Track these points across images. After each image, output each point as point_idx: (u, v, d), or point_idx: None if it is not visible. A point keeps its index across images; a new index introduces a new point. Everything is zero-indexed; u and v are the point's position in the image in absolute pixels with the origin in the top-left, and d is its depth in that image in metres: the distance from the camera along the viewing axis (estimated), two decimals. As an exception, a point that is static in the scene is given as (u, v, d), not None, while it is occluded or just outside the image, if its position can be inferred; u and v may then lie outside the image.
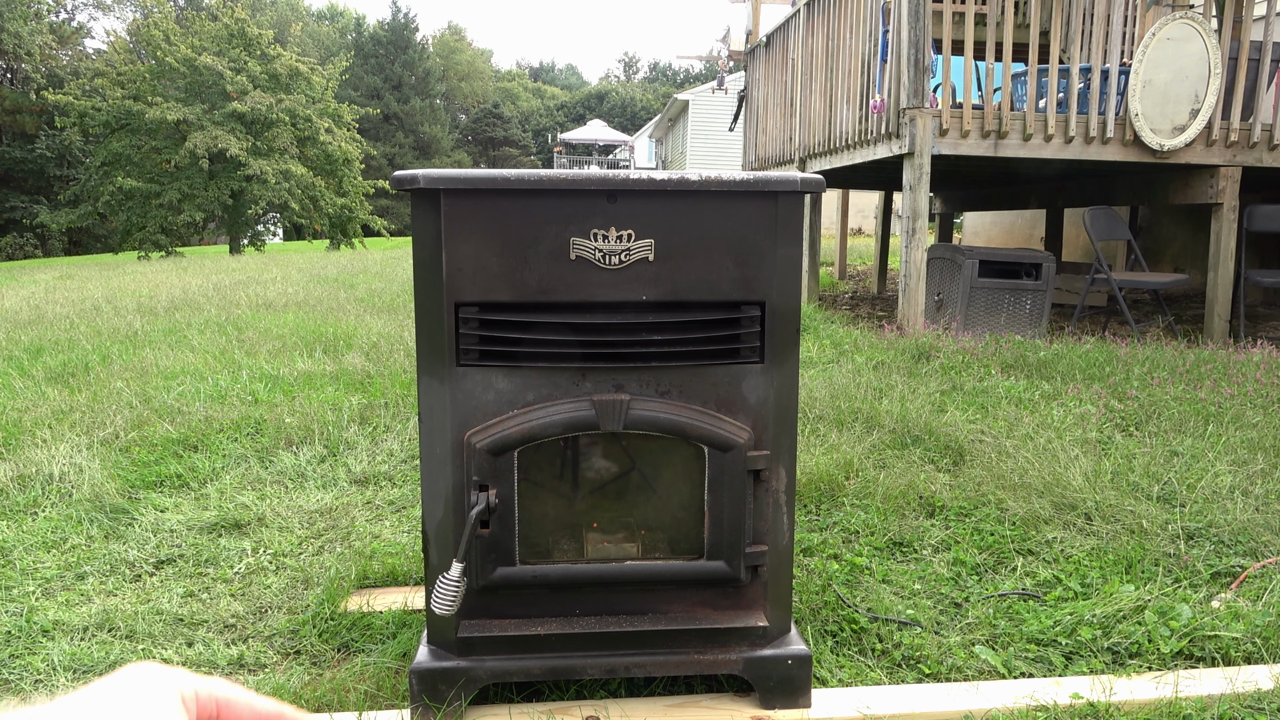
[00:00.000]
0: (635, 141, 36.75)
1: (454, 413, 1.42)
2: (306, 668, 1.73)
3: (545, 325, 1.41)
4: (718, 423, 1.45)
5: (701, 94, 26.67)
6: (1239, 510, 2.37)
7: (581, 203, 1.37)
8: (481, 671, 1.49)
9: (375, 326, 5.38)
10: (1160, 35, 5.01)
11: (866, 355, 4.45)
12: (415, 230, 1.39)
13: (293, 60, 21.04)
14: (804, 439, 2.98)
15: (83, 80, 21.70)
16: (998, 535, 2.28)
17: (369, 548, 2.24)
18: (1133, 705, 1.56)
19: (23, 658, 1.76)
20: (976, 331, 5.23)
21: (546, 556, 1.54)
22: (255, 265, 12.80)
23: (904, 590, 2.02)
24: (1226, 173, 5.24)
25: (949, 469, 2.79)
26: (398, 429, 3.17)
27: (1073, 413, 3.32)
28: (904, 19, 5.05)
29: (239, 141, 19.45)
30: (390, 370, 4.05)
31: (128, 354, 4.52)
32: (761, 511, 1.50)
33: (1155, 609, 1.84)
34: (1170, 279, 5.51)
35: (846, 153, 6.09)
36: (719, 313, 1.43)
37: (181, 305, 6.81)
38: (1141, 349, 4.56)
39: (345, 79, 27.50)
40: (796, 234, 1.43)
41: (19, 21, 26.07)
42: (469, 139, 53.28)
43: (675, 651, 1.51)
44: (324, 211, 21.44)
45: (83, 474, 2.71)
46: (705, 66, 40.48)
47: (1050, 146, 5.14)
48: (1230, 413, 3.29)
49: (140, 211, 19.57)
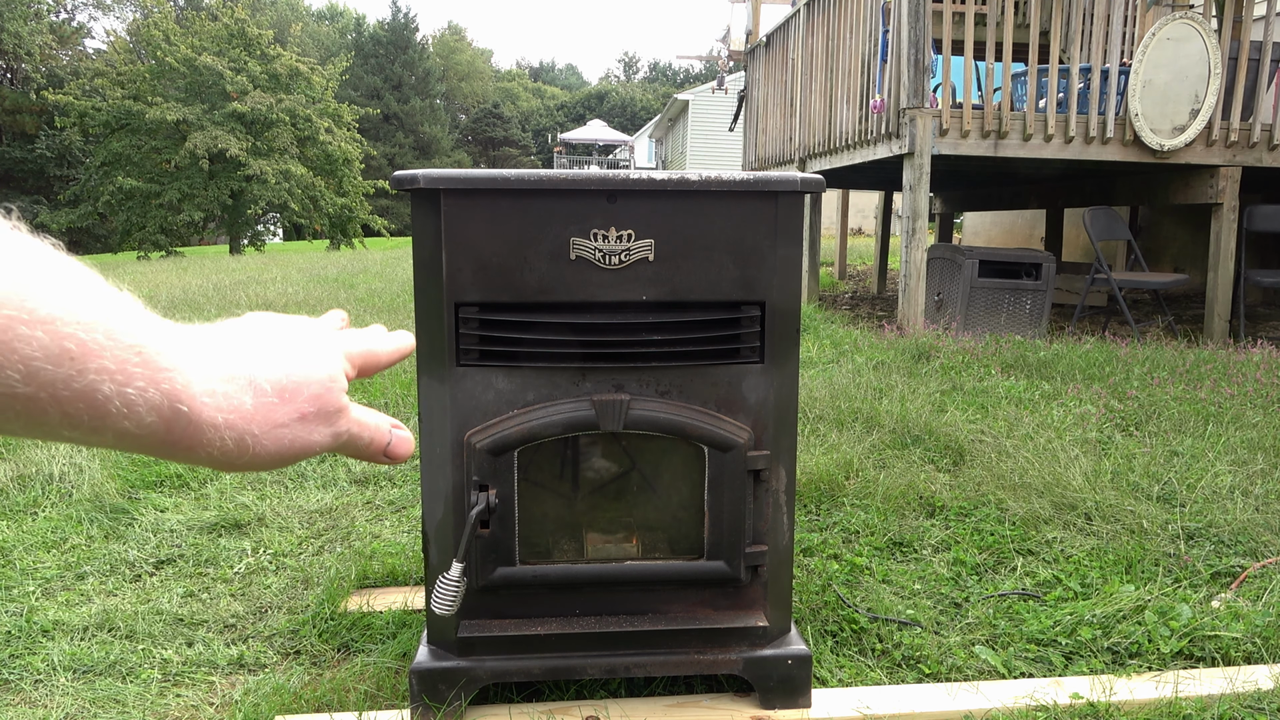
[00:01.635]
0: (635, 141, 36.75)
1: (454, 413, 1.42)
2: (306, 668, 1.73)
3: (545, 325, 1.41)
4: (718, 423, 1.45)
5: (701, 94, 26.67)
6: (1239, 510, 2.37)
7: (581, 203, 1.37)
8: (481, 671, 1.49)
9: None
10: (1160, 35, 5.01)
11: (866, 355, 4.45)
12: (415, 230, 1.39)
13: (293, 60, 21.05)
14: (804, 439, 2.98)
15: (83, 80, 21.70)
16: (998, 535, 2.28)
17: (369, 548, 2.24)
18: (1133, 705, 1.56)
19: (23, 658, 1.76)
20: (976, 331, 5.23)
21: (546, 556, 1.54)
22: (255, 265, 12.79)
23: (904, 590, 2.02)
24: (1226, 173, 5.24)
25: (949, 469, 2.79)
26: (398, 429, 3.17)
27: (1073, 413, 3.32)
28: (904, 19, 5.05)
29: (239, 141, 19.46)
30: (390, 370, 4.05)
31: (128, 354, 4.51)
32: (761, 511, 1.50)
33: (1155, 609, 1.84)
34: (1170, 279, 5.51)
35: (846, 153, 6.09)
36: (719, 313, 1.43)
37: (181, 305, 6.80)
38: (1141, 349, 4.56)
39: (345, 79, 27.50)
40: (796, 234, 1.43)
41: (19, 21, 26.07)
42: (469, 139, 53.28)
43: (675, 651, 1.51)
44: (324, 211, 21.45)
45: (82, 474, 2.71)
46: (705, 66, 40.48)
47: (1050, 146, 5.14)
48: (1230, 413, 3.29)
49: (140, 211, 19.57)
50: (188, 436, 0.39)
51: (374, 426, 0.50)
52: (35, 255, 0.35)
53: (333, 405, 0.46)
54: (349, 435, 0.48)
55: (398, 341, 0.55)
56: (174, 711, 1.60)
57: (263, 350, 0.44)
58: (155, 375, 0.37)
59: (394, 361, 0.55)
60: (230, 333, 0.45)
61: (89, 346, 0.35)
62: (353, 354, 0.51)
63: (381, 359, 0.53)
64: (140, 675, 1.70)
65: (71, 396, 0.35)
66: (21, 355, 0.33)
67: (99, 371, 0.35)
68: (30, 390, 0.34)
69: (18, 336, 0.33)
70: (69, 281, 0.35)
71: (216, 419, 0.40)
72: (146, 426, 0.38)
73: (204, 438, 0.40)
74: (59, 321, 0.34)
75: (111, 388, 0.36)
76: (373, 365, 0.53)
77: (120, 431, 0.37)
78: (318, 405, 0.45)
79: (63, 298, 0.35)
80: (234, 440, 0.41)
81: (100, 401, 0.36)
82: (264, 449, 0.43)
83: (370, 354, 0.52)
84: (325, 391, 0.45)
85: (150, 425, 0.38)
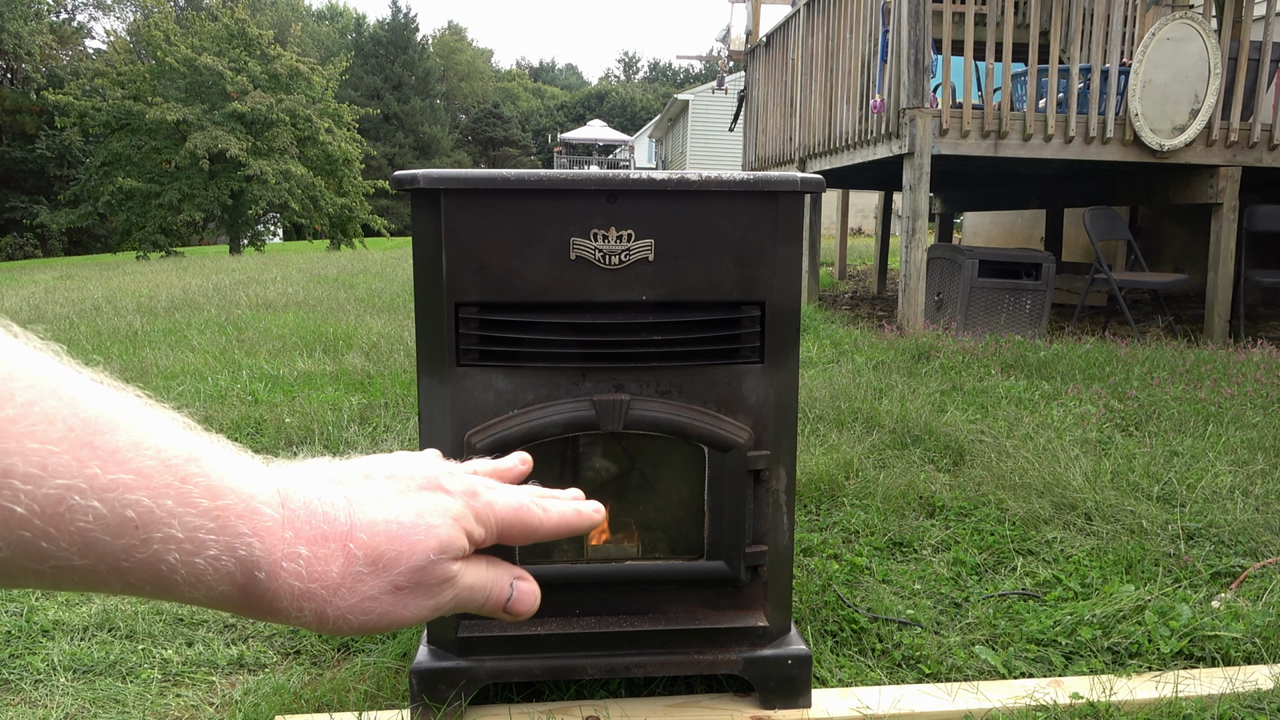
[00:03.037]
0: (635, 141, 36.74)
1: (454, 413, 1.42)
2: (306, 667, 1.73)
3: (545, 325, 1.41)
4: (718, 423, 1.45)
5: (701, 94, 26.66)
6: (1239, 510, 2.37)
7: (581, 203, 1.37)
8: (481, 671, 1.49)
9: (375, 326, 5.38)
10: (1160, 35, 5.01)
11: (866, 355, 4.45)
12: (415, 230, 1.39)
13: (293, 60, 21.04)
14: (804, 439, 2.98)
15: (83, 80, 21.70)
16: (998, 535, 2.28)
17: (369, 548, 2.24)
18: (1133, 705, 1.56)
19: (23, 658, 1.76)
20: (976, 331, 5.23)
21: (546, 556, 1.54)
22: (255, 265, 12.80)
23: (904, 590, 2.02)
24: (1226, 173, 5.24)
25: (949, 469, 2.79)
26: (398, 429, 3.17)
27: (1073, 413, 3.32)
28: (904, 19, 5.05)
29: (239, 141, 19.44)
30: (390, 370, 4.05)
31: (128, 354, 4.52)
32: (761, 511, 1.50)
33: (1155, 609, 1.84)
34: (1170, 279, 5.51)
35: (846, 153, 6.09)
36: (719, 313, 1.43)
37: (181, 305, 6.81)
38: (1141, 349, 4.56)
39: (345, 79, 27.51)
40: (796, 234, 1.43)
41: (19, 21, 26.07)
42: (469, 139, 53.28)
43: (675, 651, 1.51)
44: (324, 211, 21.44)
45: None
46: (705, 66, 40.47)
47: (1050, 146, 5.13)
48: (1230, 413, 3.29)
49: (140, 211, 19.56)
50: (264, 603, 0.36)
51: (490, 585, 0.42)
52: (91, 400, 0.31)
53: (436, 578, 0.39)
54: (454, 603, 0.41)
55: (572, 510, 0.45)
56: (174, 711, 1.60)
57: (369, 504, 0.38)
58: (232, 541, 0.34)
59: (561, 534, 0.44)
60: (339, 476, 0.40)
61: (155, 514, 0.31)
62: (493, 514, 0.42)
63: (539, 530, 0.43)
64: (140, 675, 1.70)
65: (134, 567, 0.31)
66: (78, 529, 0.30)
67: (165, 541, 0.32)
68: (88, 563, 0.31)
69: (72, 509, 0.29)
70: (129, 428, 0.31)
71: (295, 587, 0.36)
72: (218, 595, 0.34)
73: (279, 605, 0.36)
74: (121, 488, 0.30)
75: (178, 557, 0.32)
76: (523, 534, 0.43)
77: (189, 599, 0.34)
78: (417, 579, 0.39)
79: (123, 455, 0.31)
80: (314, 612, 0.37)
81: (165, 573, 0.32)
82: (347, 623, 0.37)
83: (521, 517, 0.43)
84: (430, 564, 0.39)
85: (222, 594, 0.34)
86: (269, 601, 0.36)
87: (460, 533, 0.40)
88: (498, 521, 0.42)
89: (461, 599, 0.41)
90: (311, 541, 0.36)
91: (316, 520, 0.37)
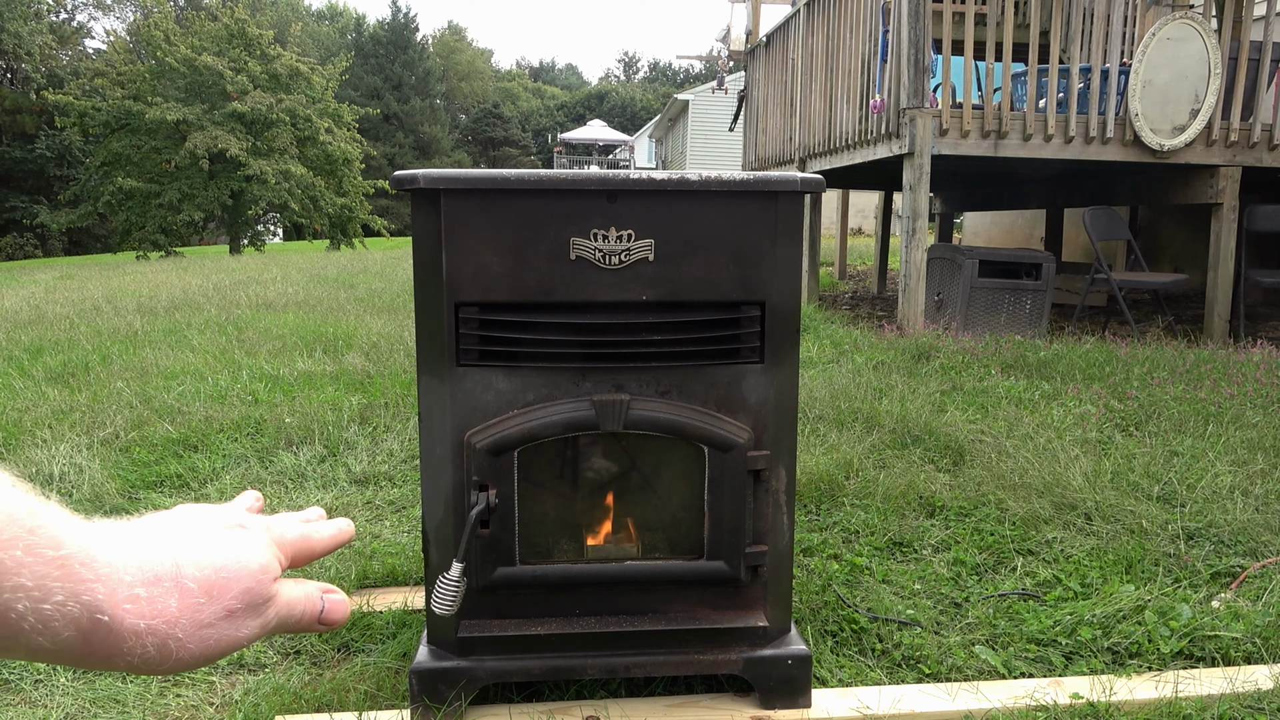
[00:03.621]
0: (635, 141, 36.75)
1: (454, 413, 1.42)
2: (306, 667, 1.73)
3: (545, 325, 1.41)
4: (718, 423, 1.45)
5: (701, 94, 26.67)
6: (1239, 510, 2.37)
7: (581, 203, 1.37)
8: (481, 671, 1.49)
9: (375, 326, 5.38)
10: (1160, 35, 5.01)
11: (866, 355, 4.45)
12: (415, 230, 1.39)
13: (293, 60, 21.03)
14: (804, 439, 2.98)
15: (83, 80, 21.70)
16: (998, 535, 2.28)
17: (369, 548, 2.24)
18: (1133, 705, 1.56)
19: (23, 658, 1.76)
20: (976, 331, 5.23)
21: (546, 556, 1.54)
22: (255, 265, 12.80)
23: (904, 590, 2.02)
24: (1226, 173, 5.24)
25: (949, 469, 2.79)
26: (398, 429, 3.18)
27: (1073, 413, 3.32)
28: (904, 19, 5.05)
29: (239, 141, 19.44)
30: (390, 370, 4.05)
31: (128, 354, 4.52)
32: (761, 511, 1.50)
33: (1155, 609, 1.84)
34: (1170, 279, 5.51)
35: (846, 153, 6.09)
36: (719, 313, 1.43)
37: (181, 305, 6.81)
38: (1141, 349, 4.57)
39: (345, 79, 27.47)
40: (796, 234, 1.43)
41: (19, 21, 26.08)
42: (469, 139, 53.28)
43: (675, 651, 1.51)
44: (324, 211, 21.43)
45: (83, 474, 2.71)
46: (705, 66, 40.47)
47: (1050, 146, 5.14)
48: (1230, 413, 3.29)
49: (140, 211, 19.55)
50: (107, 647, 0.38)
51: (304, 599, 0.48)
52: None
53: (262, 598, 0.44)
54: (277, 620, 0.46)
55: (336, 528, 0.53)
56: (174, 711, 1.60)
57: (190, 546, 0.42)
58: (76, 588, 0.36)
59: (331, 549, 0.53)
60: (155, 528, 0.43)
61: (6, 565, 0.33)
62: (286, 542, 0.49)
63: (317, 548, 0.51)
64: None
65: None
66: None
67: (15, 590, 0.33)
68: None
69: None
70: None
71: (139, 625, 0.38)
72: (63, 642, 0.36)
73: (124, 646, 0.38)
74: None
75: (27, 604, 0.34)
76: (307, 555, 0.50)
77: (33, 648, 0.35)
78: (247, 600, 0.43)
79: None
80: (156, 646, 0.39)
81: (14, 620, 0.34)
82: (188, 652, 0.41)
83: (305, 542, 0.50)
84: (257, 585, 0.44)
85: (66, 640, 0.36)
86: (113, 643, 0.38)
87: (273, 557, 0.46)
88: (292, 547, 0.49)
89: (283, 615, 0.46)
90: (147, 584, 0.40)
91: (149, 565, 0.40)
